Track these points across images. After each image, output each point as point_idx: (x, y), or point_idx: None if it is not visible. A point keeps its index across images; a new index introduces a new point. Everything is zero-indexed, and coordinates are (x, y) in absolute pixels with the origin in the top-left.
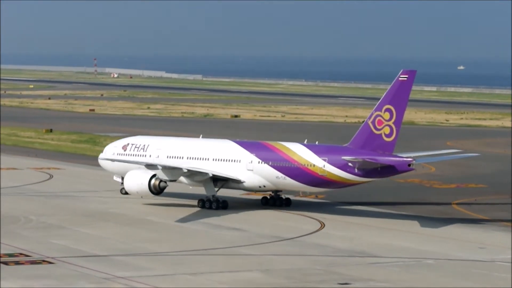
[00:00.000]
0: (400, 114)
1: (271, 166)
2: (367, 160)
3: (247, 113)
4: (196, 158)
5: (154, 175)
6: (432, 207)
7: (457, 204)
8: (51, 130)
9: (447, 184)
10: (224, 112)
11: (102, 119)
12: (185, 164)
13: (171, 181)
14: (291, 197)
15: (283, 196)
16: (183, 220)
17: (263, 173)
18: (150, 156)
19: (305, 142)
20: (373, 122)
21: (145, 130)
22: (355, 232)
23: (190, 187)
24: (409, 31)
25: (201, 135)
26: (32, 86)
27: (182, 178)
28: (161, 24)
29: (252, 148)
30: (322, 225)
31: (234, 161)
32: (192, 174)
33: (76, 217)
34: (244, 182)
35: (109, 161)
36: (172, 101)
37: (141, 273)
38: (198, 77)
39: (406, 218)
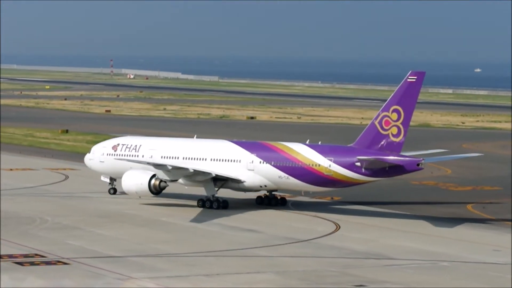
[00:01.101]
0: (408, 114)
1: (273, 166)
2: (380, 159)
3: (263, 115)
4: (193, 158)
5: (154, 175)
6: (448, 209)
7: (472, 206)
8: (67, 131)
9: (462, 186)
10: (240, 113)
11: (118, 120)
12: (186, 165)
13: (172, 181)
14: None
15: (279, 195)
16: (198, 221)
17: (265, 172)
18: (143, 156)
19: (307, 142)
20: (380, 123)
21: (161, 131)
22: (371, 234)
23: (186, 187)
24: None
25: (195, 136)
26: (48, 87)
27: (181, 178)
28: (177, 25)
29: (252, 148)
30: (338, 227)
31: (234, 161)
32: (194, 174)
33: (91, 218)
34: (244, 182)
35: (98, 161)
36: (188, 102)
37: (156, 274)
38: (214, 78)
39: (421, 220)
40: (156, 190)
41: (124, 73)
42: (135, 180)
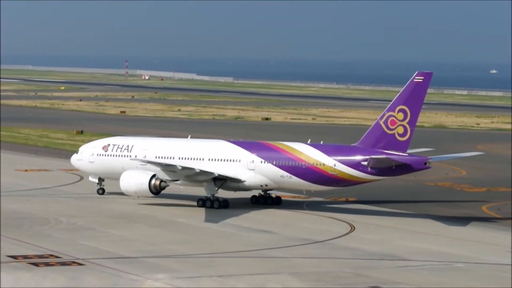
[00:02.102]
0: (414, 114)
1: (275, 165)
2: (392, 159)
3: (278, 116)
4: (190, 158)
5: (154, 175)
6: (462, 211)
7: (487, 207)
8: (82, 132)
9: (477, 187)
10: (255, 114)
11: (133, 121)
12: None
13: (173, 181)
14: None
15: (274, 194)
16: (212, 222)
17: (266, 172)
18: (136, 156)
19: (309, 141)
20: (385, 122)
21: (176, 132)
22: (385, 235)
23: (181, 187)
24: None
25: (189, 136)
26: (63, 88)
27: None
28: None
29: (252, 148)
30: (352, 228)
31: (233, 160)
32: (197, 174)
33: (105, 219)
34: (245, 181)
35: (87, 162)
36: (203, 103)
37: (170, 275)
38: (229, 79)
39: (435, 221)
40: (156, 190)
41: (139, 74)
42: (135, 180)
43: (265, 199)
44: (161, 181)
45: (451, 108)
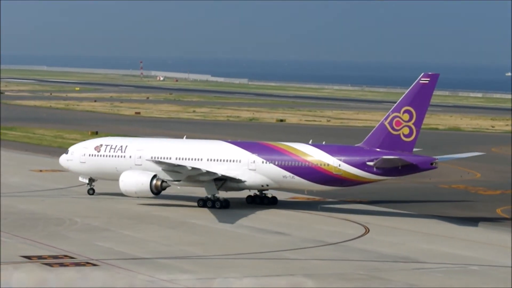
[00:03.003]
0: (420, 115)
1: (277, 165)
2: (403, 159)
3: (292, 118)
4: (187, 159)
5: (154, 175)
6: (477, 213)
7: (501, 210)
8: (96, 133)
9: (492, 190)
10: (269, 116)
11: (147, 122)
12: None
13: (174, 181)
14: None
15: (270, 194)
16: (227, 223)
17: (268, 172)
18: (130, 157)
19: (310, 142)
20: (390, 123)
21: (191, 133)
22: (399, 237)
23: (178, 187)
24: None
25: (184, 136)
26: (78, 89)
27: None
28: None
29: (253, 148)
30: (367, 230)
31: (233, 161)
32: (200, 175)
33: (120, 220)
34: (245, 181)
35: (78, 162)
36: (217, 104)
37: (185, 276)
38: (244, 81)
39: (450, 224)
40: (157, 190)
41: (153, 75)
42: (136, 181)
43: (261, 199)
44: (162, 181)
45: (466, 111)
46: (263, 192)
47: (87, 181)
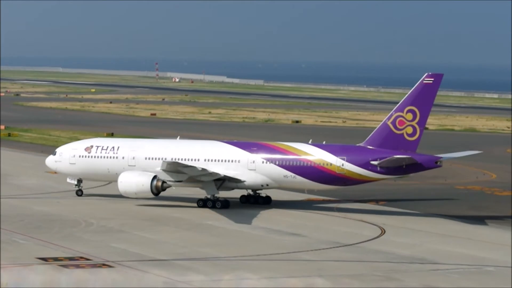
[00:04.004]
0: (424, 115)
1: (277, 165)
2: (413, 158)
3: (308, 119)
4: (184, 159)
5: (155, 176)
6: (493, 214)
7: None
8: (112, 134)
9: (508, 191)
10: (285, 117)
11: (163, 124)
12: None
13: (176, 181)
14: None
15: (264, 194)
16: (243, 225)
17: (268, 172)
18: (123, 158)
19: (310, 142)
20: (393, 123)
21: (206, 134)
22: (415, 239)
23: (174, 187)
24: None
25: (178, 137)
26: (93, 90)
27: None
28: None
29: (252, 149)
30: (383, 231)
31: (232, 161)
32: (201, 175)
33: (136, 221)
34: (245, 181)
35: (68, 163)
36: (233, 106)
37: (201, 277)
38: (260, 82)
39: (466, 225)
40: (157, 191)
41: (169, 76)
42: (136, 181)
43: (255, 199)
44: (163, 182)
45: (482, 111)
46: (257, 192)
47: (75, 182)
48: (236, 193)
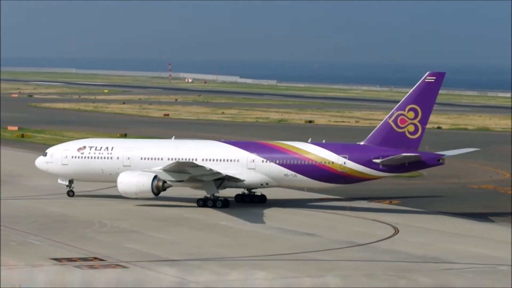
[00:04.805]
0: (426, 113)
1: (278, 164)
2: (422, 156)
3: (321, 119)
4: (182, 159)
5: (155, 176)
6: (506, 213)
7: None
8: (125, 135)
9: None
10: (298, 117)
11: (176, 124)
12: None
13: (177, 181)
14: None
15: (259, 193)
16: (256, 225)
17: (268, 171)
18: (118, 158)
19: (309, 141)
20: (394, 121)
21: (219, 135)
22: (429, 238)
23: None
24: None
25: (173, 137)
26: (107, 91)
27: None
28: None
29: (251, 148)
30: (396, 231)
31: (231, 160)
32: (203, 175)
33: (149, 222)
34: (244, 180)
35: (60, 164)
36: (246, 106)
37: (215, 278)
38: (273, 82)
39: (479, 224)
40: (158, 191)
41: (182, 77)
42: (136, 181)
43: (250, 198)
44: (164, 182)
45: (495, 111)
46: (252, 190)
47: (66, 183)
48: (230, 192)
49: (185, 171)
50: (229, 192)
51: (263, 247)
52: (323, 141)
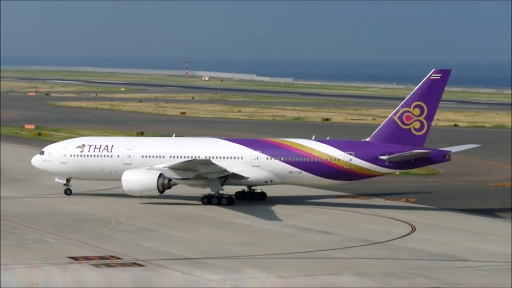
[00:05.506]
0: (432, 110)
1: (283, 161)
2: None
3: (338, 117)
4: (182, 157)
5: (160, 174)
6: None
7: None
8: (142, 133)
9: None
10: (315, 115)
11: (193, 122)
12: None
13: (183, 179)
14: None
15: (259, 190)
16: (273, 223)
17: (273, 168)
18: (118, 156)
19: (313, 138)
20: (400, 118)
21: (236, 133)
22: (446, 236)
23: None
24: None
25: (174, 134)
26: (123, 89)
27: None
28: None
29: (255, 145)
30: (413, 229)
31: (235, 157)
32: (209, 173)
33: (166, 220)
34: (248, 178)
35: (58, 163)
36: (263, 104)
37: (232, 276)
38: (289, 80)
39: (496, 221)
40: (163, 189)
41: (198, 75)
42: (141, 179)
43: (251, 195)
44: (169, 179)
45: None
46: (252, 188)
47: (64, 181)
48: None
49: (194, 168)
50: (229, 190)
51: (280, 245)
52: (327, 138)
